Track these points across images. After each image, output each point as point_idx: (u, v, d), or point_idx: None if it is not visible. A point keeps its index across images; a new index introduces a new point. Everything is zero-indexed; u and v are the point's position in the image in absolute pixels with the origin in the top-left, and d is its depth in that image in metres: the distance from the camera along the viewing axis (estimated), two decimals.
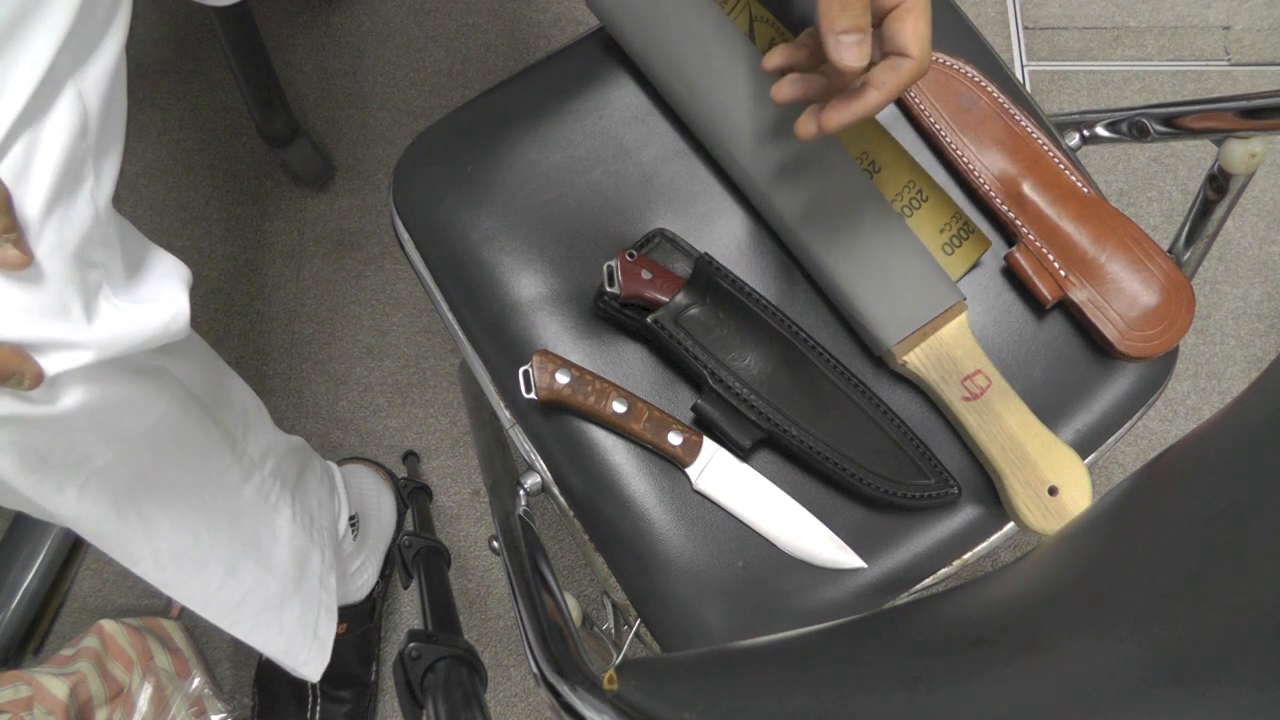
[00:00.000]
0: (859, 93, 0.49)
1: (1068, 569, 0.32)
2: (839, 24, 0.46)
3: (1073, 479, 0.56)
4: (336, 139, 1.22)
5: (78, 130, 0.46)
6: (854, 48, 0.46)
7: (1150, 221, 1.21)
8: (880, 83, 0.48)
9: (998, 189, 0.62)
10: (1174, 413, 1.16)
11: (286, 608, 0.76)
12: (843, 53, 0.46)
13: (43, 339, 0.46)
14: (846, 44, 0.46)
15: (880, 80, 0.48)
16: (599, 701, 0.39)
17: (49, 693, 0.88)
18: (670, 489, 0.60)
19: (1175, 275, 0.60)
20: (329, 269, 1.18)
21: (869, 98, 0.49)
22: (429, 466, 1.13)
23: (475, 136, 0.65)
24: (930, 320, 0.58)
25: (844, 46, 0.46)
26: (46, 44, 0.44)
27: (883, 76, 0.48)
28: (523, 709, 1.07)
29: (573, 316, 0.62)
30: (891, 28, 0.47)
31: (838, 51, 0.47)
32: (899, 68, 0.48)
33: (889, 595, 0.61)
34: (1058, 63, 1.26)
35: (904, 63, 0.48)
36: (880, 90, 0.48)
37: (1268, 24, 1.27)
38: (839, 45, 0.46)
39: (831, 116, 0.50)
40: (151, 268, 0.55)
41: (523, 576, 0.55)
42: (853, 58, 0.46)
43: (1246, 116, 0.60)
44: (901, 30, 0.47)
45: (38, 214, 0.45)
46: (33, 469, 0.51)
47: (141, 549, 0.63)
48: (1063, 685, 0.25)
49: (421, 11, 1.26)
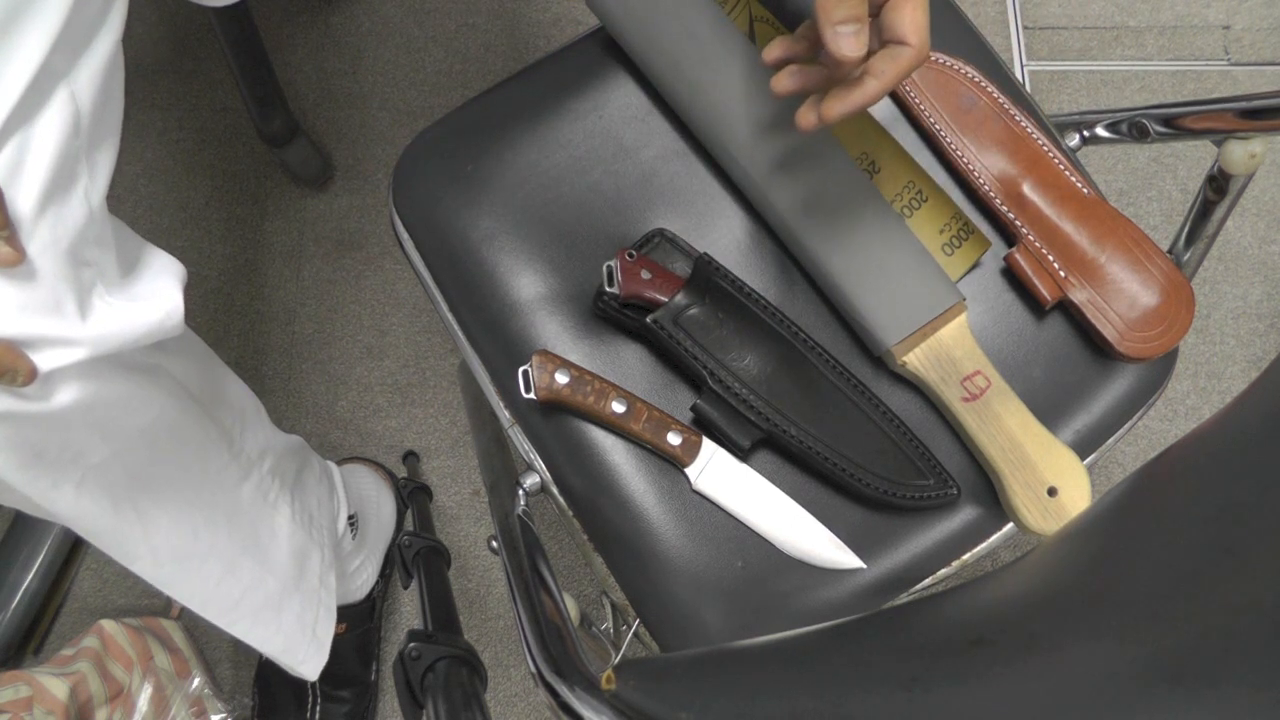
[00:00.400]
0: (858, 82, 0.49)
1: (1067, 569, 0.32)
2: (836, 14, 0.46)
3: (1072, 479, 0.56)
4: (336, 139, 1.22)
5: (70, 128, 0.46)
6: (852, 38, 0.46)
7: (1150, 221, 1.21)
8: (880, 71, 0.48)
9: (998, 189, 0.62)
10: (1174, 413, 1.16)
11: (285, 606, 0.76)
12: (840, 43, 0.46)
13: (36, 336, 0.46)
14: (844, 34, 0.46)
15: (879, 69, 0.48)
16: (597, 701, 0.39)
17: (49, 693, 0.88)
18: (669, 489, 0.60)
19: (1175, 276, 0.60)
20: (329, 269, 1.18)
21: (868, 87, 0.49)
22: (429, 466, 1.13)
23: (475, 136, 0.65)
24: (930, 321, 0.58)
25: (842, 37, 0.46)
26: (38, 42, 0.44)
27: (882, 65, 0.48)
28: (523, 709, 1.07)
29: (572, 316, 0.62)
30: (889, 17, 0.48)
31: (835, 42, 0.47)
32: (898, 56, 0.48)
33: (888, 596, 0.60)
34: (1058, 63, 1.26)
35: (903, 51, 0.48)
36: (880, 79, 0.48)
37: (1268, 24, 1.27)
38: (836, 36, 0.46)
39: (832, 106, 0.50)
40: (146, 265, 0.55)
41: (521, 576, 0.55)
42: (851, 48, 0.46)
43: (1246, 117, 0.60)
44: (899, 19, 0.47)
45: (31, 212, 0.45)
46: (28, 466, 0.51)
47: (139, 546, 0.63)
48: (1061, 686, 0.25)
49: (421, 11, 1.26)
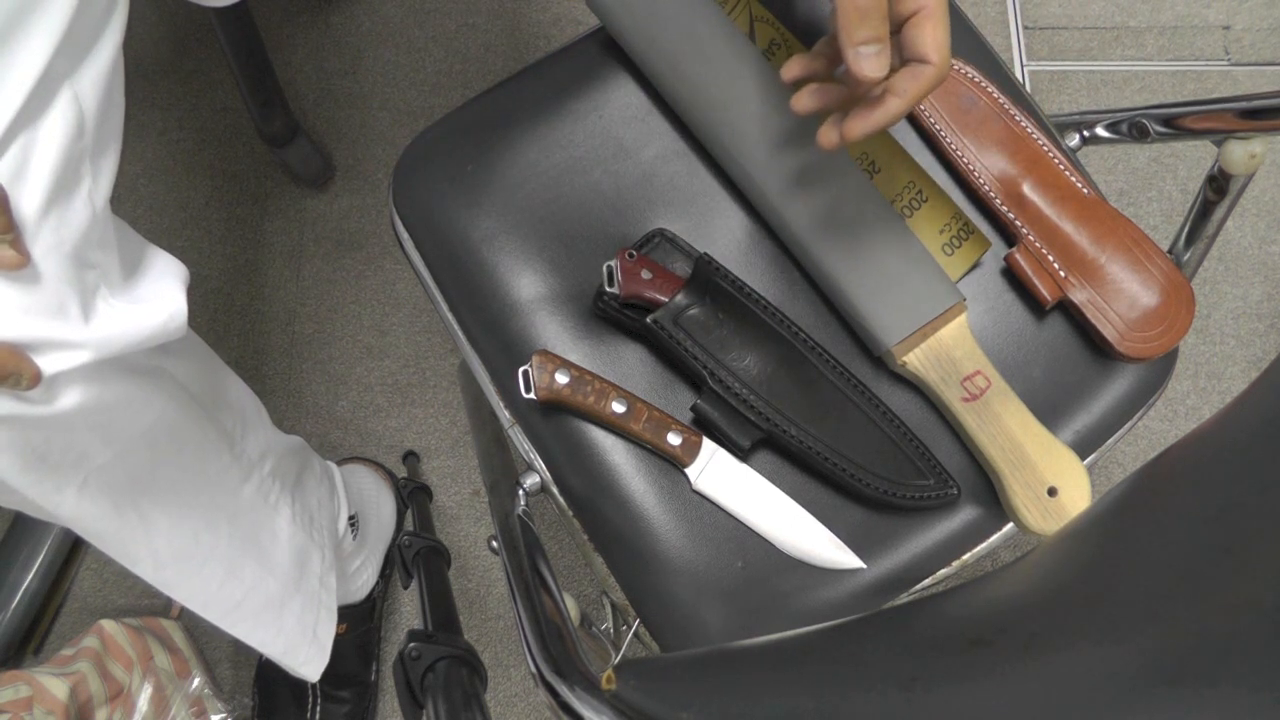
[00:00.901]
0: (880, 101, 0.49)
1: (1067, 569, 0.32)
2: (858, 35, 0.46)
3: (1072, 480, 0.56)
4: (336, 139, 1.22)
5: (74, 131, 0.46)
6: (874, 58, 0.46)
7: (1150, 221, 1.21)
8: (901, 90, 0.48)
9: (998, 189, 0.62)
10: (1174, 413, 1.16)
11: (286, 607, 0.76)
12: (863, 64, 0.46)
13: (40, 339, 0.46)
14: (866, 55, 0.46)
15: (901, 88, 0.48)
16: (597, 701, 0.39)
17: (49, 693, 0.88)
18: (669, 489, 0.60)
19: (1175, 276, 0.60)
20: (329, 269, 1.18)
21: (891, 105, 0.48)
22: (429, 466, 1.13)
23: (475, 136, 0.65)
24: (930, 321, 0.58)
25: (864, 58, 0.46)
26: (43, 45, 0.44)
27: (904, 84, 0.48)
28: (523, 709, 1.07)
29: (572, 316, 0.62)
30: (910, 35, 0.47)
31: (858, 63, 0.46)
32: (920, 74, 0.48)
33: (888, 596, 0.60)
34: (1058, 63, 1.26)
35: (924, 69, 0.47)
36: (902, 98, 0.48)
37: (1268, 24, 1.27)
38: (859, 56, 0.46)
39: (854, 125, 0.50)
40: (148, 267, 0.55)
41: (522, 576, 0.55)
42: (873, 68, 0.46)
43: (1246, 117, 0.60)
44: (921, 37, 0.47)
45: (35, 214, 0.45)
46: (31, 468, 0.51)
47: (140, 548, 0.63)
48: (1061, 686, 0.25)
49: (421, 11, 1.26)
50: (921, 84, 0.48)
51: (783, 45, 0.63)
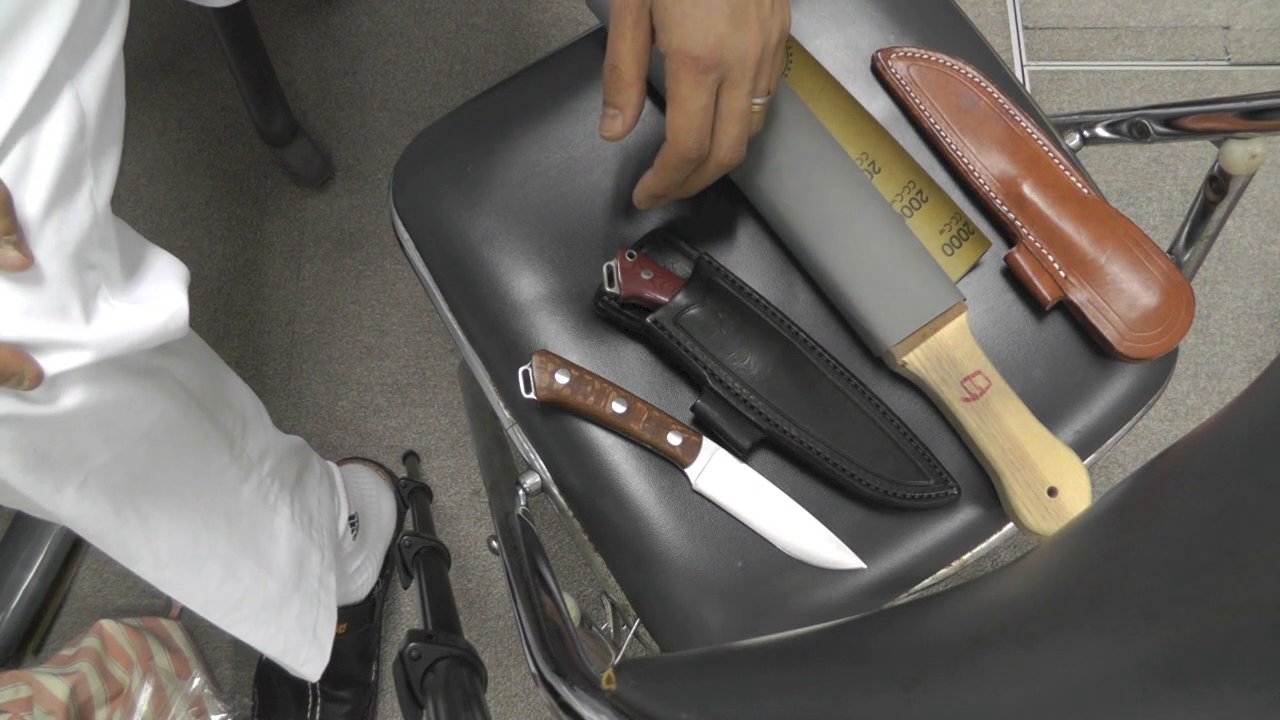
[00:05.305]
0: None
1: (1067, 569, 0.32)
2: (606, 98, 0.50)
3: (1072, 480, 0.56)
4: (336, 139, 1.22)
5: (76, 132, 0.46)
6: (608, 120, 0.50)
7: (1150, 221, 1.21)
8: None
9: (998, 189, 0.62)
10: (1174, 413, 1.16)
11: (286, 607, 0.76)
12: (602, 122, 0.51)
13: (42, 339, 0.46)
14: (606, 116, 0.50)
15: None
16: (597, 701, 0.39)
17: (49, 693, 0.88)
18: (669, 489, 0.60)
19: (1175, 276, 0.60)
20: (329, 269, 1.18)
21: (645, 177, 0.54)
22: (429, 466, 1.13)
23: (475, 136, 0.65)
24: (930, 321, 0.58)
25: (604, 117, 0.51)
26: (45, 46, 0.44)
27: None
28: (523, 709, 1.07)
29: (572, 316, 0.62)
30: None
31: (601, 121, 0.51)
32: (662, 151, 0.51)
33: (888, 596, 0.60)
34: (1058, 63, 1.26)
35: (664, 146, 0.51)
36: (652, 171, 0.53)
37: (1268, 24, 1.27)
38: (602, 116, 0.51)
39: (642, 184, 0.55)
40: (149, 267, 0.55)
41: (521, 576, 0.55)
42: (605, 129, 0.51)
43: (1246, 117, 0.60)
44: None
45: (37, 215, 0.45)
46: (32, 468, 0.51)
47: (140, 548, 0.63)
48: (1061, 686, 0.25)
49: (421, 11, 1.26)
50: (659, 159, 0.52)
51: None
